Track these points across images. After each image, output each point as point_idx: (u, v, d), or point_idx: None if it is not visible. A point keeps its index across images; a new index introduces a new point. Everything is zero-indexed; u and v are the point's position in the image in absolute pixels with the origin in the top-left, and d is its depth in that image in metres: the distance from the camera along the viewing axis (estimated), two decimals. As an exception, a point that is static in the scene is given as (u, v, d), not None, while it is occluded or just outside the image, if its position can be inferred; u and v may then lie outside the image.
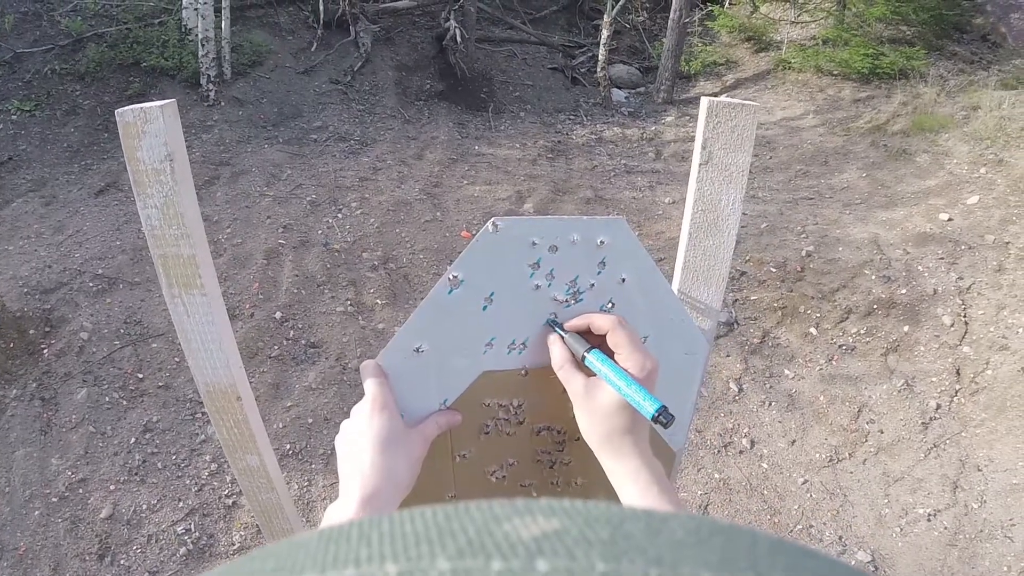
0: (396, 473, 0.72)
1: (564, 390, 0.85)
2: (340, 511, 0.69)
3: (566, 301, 0.80)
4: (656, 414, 0.67)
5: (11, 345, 3.76)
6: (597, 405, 0.74)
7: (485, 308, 0.78)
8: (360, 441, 0.73)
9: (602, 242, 0.78)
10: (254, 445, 0.96)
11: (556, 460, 0.91)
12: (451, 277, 0.76)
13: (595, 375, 0.75)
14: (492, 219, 0.75)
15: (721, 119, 0.81)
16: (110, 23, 6.82)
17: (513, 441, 0.88)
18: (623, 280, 0.80)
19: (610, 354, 0.74)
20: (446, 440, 0.85)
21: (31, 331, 3.86)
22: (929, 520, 2.97)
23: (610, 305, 0.82)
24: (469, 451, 0.88)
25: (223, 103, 6.46)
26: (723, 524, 0.22)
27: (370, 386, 0.77)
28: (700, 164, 0.81)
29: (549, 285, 0.79)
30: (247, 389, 0.95)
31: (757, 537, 0.21)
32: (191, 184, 0.84)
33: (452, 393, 0.83)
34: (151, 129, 0.77)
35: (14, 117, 5.91)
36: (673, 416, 0.68)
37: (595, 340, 0.77)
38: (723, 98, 0.78)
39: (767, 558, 0.20)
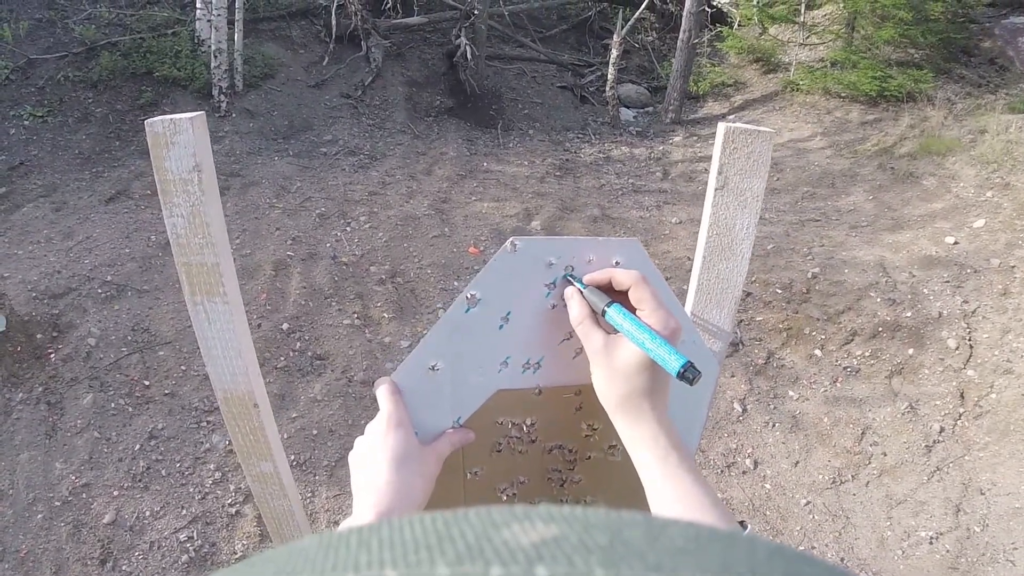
0: (411, 490, 0.72)
1: (576, 409, 0.86)
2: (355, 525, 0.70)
3: None
4: (682, 369, 0.64)
5: (18, 349, 3.78)
6: (617, 363, 0.71)
7: (501, 327, 0.79)
8: (375, 458, 0.73)
9: (617, 263, 0.79)
10: (269, 452, 0.98)
11: (567, 479, 0.91)
12: (469, 296, 0.77)
13: (615, 333, 0.72)
14: (511, 239, 0.76)
15: (737, 145, 0.83)
16: (123, 32, 6.90)
17: (525, 459, 0.88)
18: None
19: (632, 311, 0.72)
20: (458, 458, 0.86)
21: (39, 335, 3.88)
22: (931, 543, 2.97)
23: None
24: (481, 469, 0.88)
25: (234, 114, 6.52)
26: (722, 531, 0.22)
27: (385, 404, 0.78)
28: (716, 189, 0.83)
29: (565, 305, 0.80)
30: (264, 397, 0.97)
31: (756, 543, 0.21)
32: (217, 195, 0.86)
33: (466, 411, 0.83)
34: (180, 140, 0.79)
35: (26, 123, 5.97)
36: (700, 372, 0.65)
37: (616, 297, 0.74)
38: (739, 124, 0.80)
39: (766, 564, 0.20)
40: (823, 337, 3.97)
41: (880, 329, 3.95)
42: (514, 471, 0.90)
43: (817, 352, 3.91)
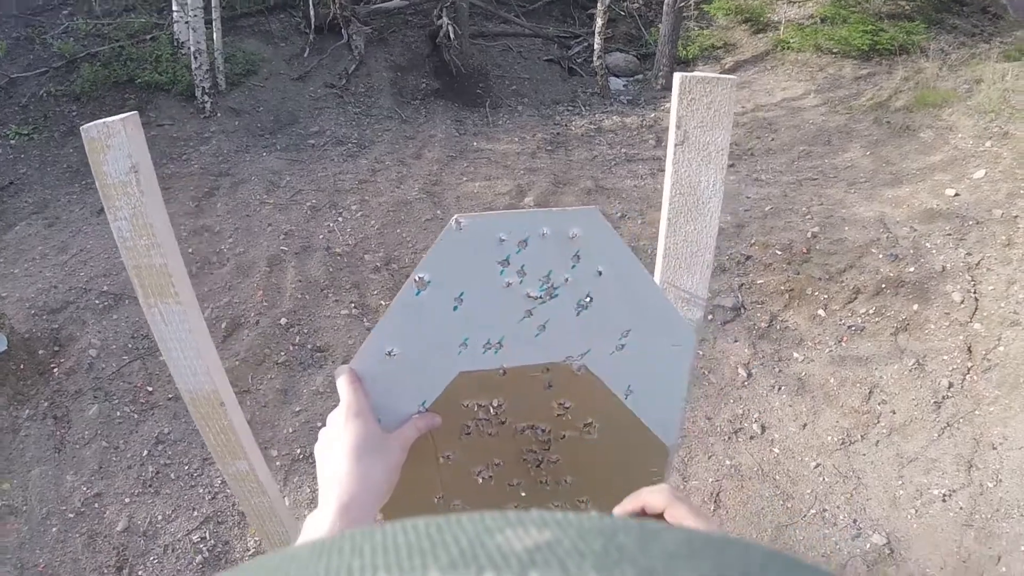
0: (372, 480, 0.71)
1: (546, 387, 0.83)
2: (318, 520, 0.68)
3: (540, 298, 0.78)
4: None
5: (21, 367, 3.78)
6: None
7: (456, 308, 0.77)
8: (335, 448, 0.72)
9: (575, 234, 0.75)
10: (241, 450, 0.97)
11: (543, 459, 0.89)
12: (417, 278, 0.75)
13: None
14: (455, 216, 0.73)
15: (696, 95, 0.78)
16: (102, 42, 6.84)
17: (496, 441, 0.86)
18: (600, 273, 0.78)
19: None
20: (429, 443, 0.84)
21: (40, 351, 3.87)
22: (944, 500, 2.93)
23: (588, 300, 0.79)
24: (453, 453, 0.87)
25: (219, 114, 6.46)
26: (716, 536, 0.22)
27: (344, 392, 0.76)
28: (676, 145, 0.78)
29: (521, 282, 0.77)
30: (230, 395, 0.95)
31: (750, 548, 0.21)
32: (158, 195, 0.85)
33: (430, 395, 0.81)
34: (115, 143, 0.79)
35: (12, 142, 5.93)
36: None
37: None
38: (696, 73, 0.75)
39: (759, 569, 0.20)
40: (826, 297, 3.93)
41: (883, 286, 3.90)
42: (488, 454, 0.88)
43: (820, 312, 3.87)
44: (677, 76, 0.76)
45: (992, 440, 3.15)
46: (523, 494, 0.91)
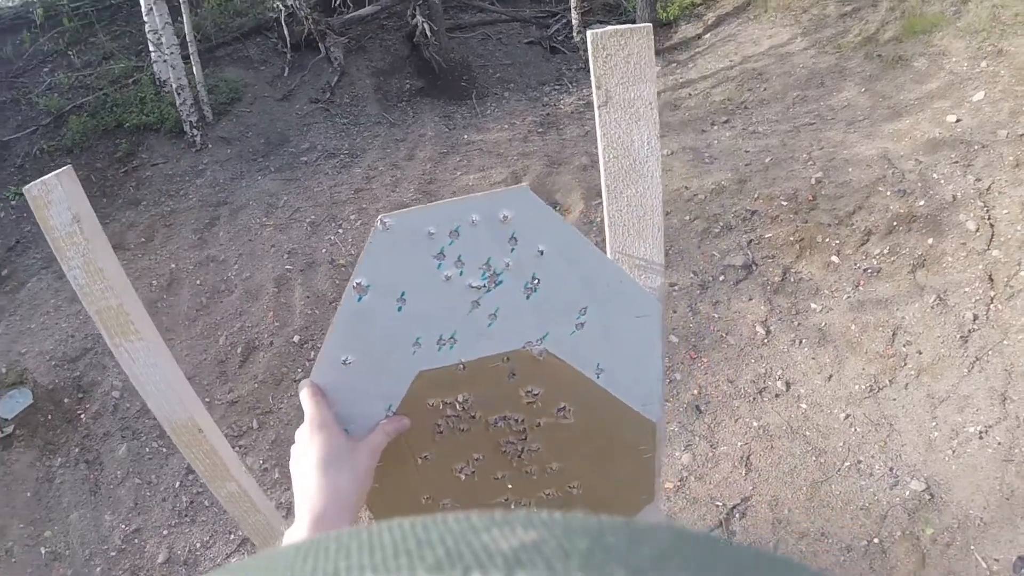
0: (340, 491, 0.71)
1: (510, 376, 0.82)
2: (294, 534, 0.70)
3: (484, 287, 0.76)
4: None
5: (49, 417, 3.84)
6: None
7: (400, 309, 0.76)
8: (303, 463, 0.73)
9: (506, 216, 0.73)
10: (228, 473, 0.98)
11: (523, 448, 0.87)
12: (356, 284, 0.74)
13: None
14: (380, 217, 0.72)
15: (611, 51, 0.74)
16: (86, 92, 6.89)
17: (471, 436, 0.85)
18: (541, 252, 0.76)
19: None
20: (403, 445, 0.83)
21: (66, 400, 3.93)
22: (981, 438, 2.86)
23: (535, 282, 0.77)
24: (430, 453, 0.86)
25: (210, 145, 6.49)
26: (703, 535, 0.22)
27: (307, 406, 0.77)
28: (599, 106, 0.75)
29: (461, 273, 0.75)
30: (208, 421, 0.97)
31: (738, 548, 0.21)
32: (104, 240, 0.87)
33: (394, 399, 0.80)
34: (54, 198, 0.81)
35: (13, 202, 6.01)
36: None
37: None
38: (607, 28, 0.71)
39: (748, 568, 0.20)
40: (837, 242, 3.85)
41: (895, 223, 3.81)
42: (466, 450, 0.86)
43: (834, 259, 3.80)
44: (589, 33, 0.73)
45: (1024, 369, 3.06)
46: (510, 486, 0.89)
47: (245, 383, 3.87)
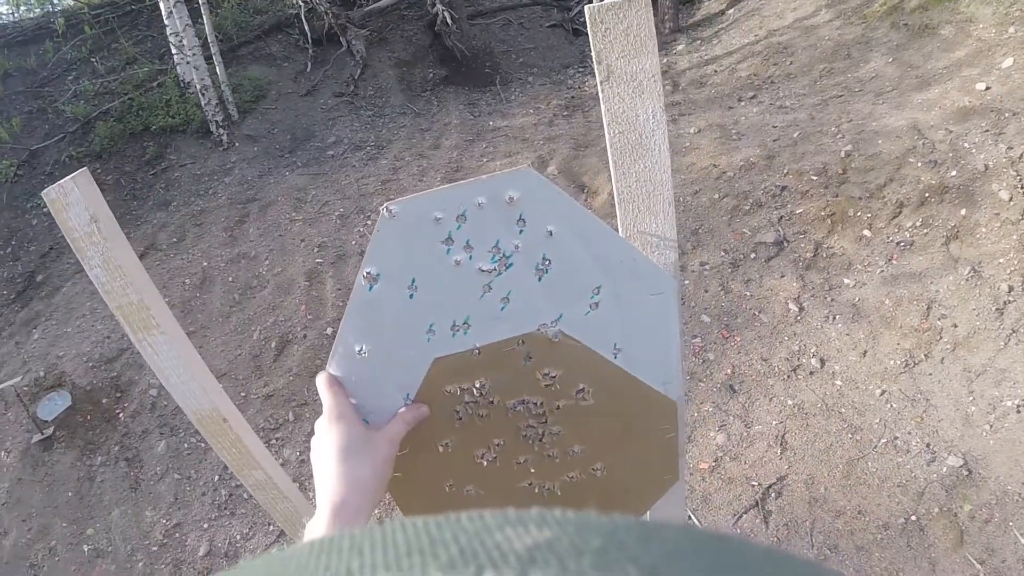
0: (360, 480, 0.72)
1: (526, 359, 0.81)
2: (315, 524, 0.70)
3: (495, 270, 0.76)
4: None
5: (88, 418, 3.93)
6: None
7: (412, 296, 0.76)
8: (322, 453, 0.74)
9: (512, 197, 0.73)
10: (254, 461, 1.00)
11: (543, 432, 0.86)
12: (366, 274, 0.74)
13: None
14: (385, 205, 0.72)
15: (610, 24, 0.72)
16: (112, 98, 7.02)
17: (491, 422, 0.85)
18: (550, 233, 0.75)
19: None
20: (425, 434, 0.83)
21: (104, 400, 4.02)
22: (1019, 412, 2.78)
23: (547, 263, 0.76)
24: (450, 440, 0.85)
25: (237, 143, 6.56)
26: (715, 533, 0.22)
27: (324, 397, 0.77)
28: (602, 82, 0.73)
29: (470, 257, 0.75)
30: (232, 411, 0.98)
31: (749, 546, 0.22)
32: (122, 238, 0.88)
33: (411, 387, 0.80)
34: (72, 200, 0.83)
35: (45, 210, 6.15)
36: None
37: None
38: (605, 1, 0.70)
39: (758, 566, 0.20)
40: (869, 216, 3.77)
41: (927, 195, 3.72)
42: (486, 435, 0.86)
43: (866, 233, 3.72)
44: (586, 9, 0.72)
45: (1064, 340, 2.98)
46: (533, 470, 0.89)
47: (280, 376, 3.92)
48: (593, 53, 0.73)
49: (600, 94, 0.75)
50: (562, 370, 0.82)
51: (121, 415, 3.94)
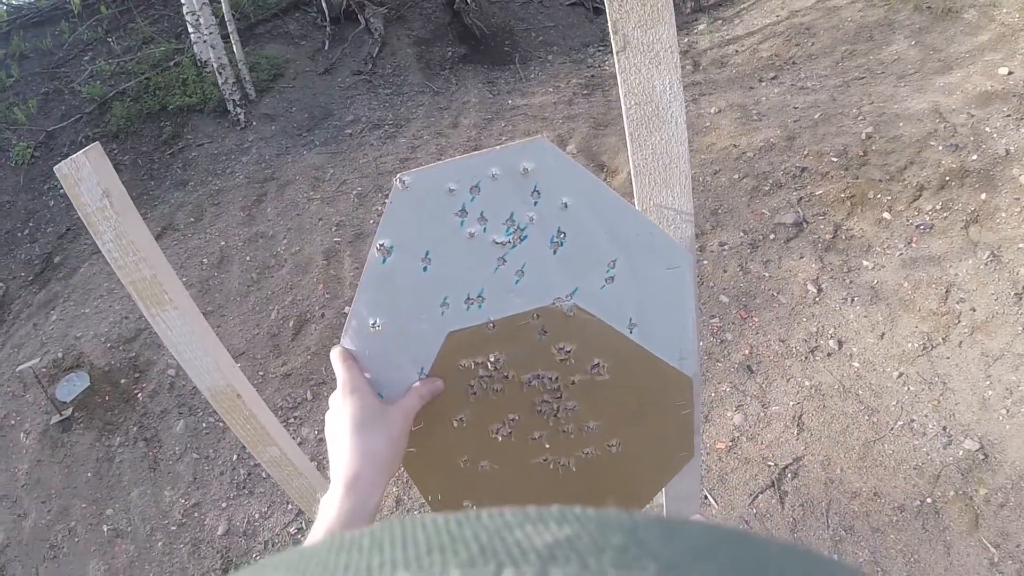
0: (375, 453, 0.71)
1: (541, 334, 0.81)
2: (329, 498, 0.70)
3: (509, 242, 0.75)
4: None
5: (106, 398, 3.96)
6: None
7: (426, 269, 0.75)
8: (337, 427, 0.74)
9: (527, 168, 0.72)
10: (269, 437, 1.00)
11: (558, 407, 0.86)
12: (379, 246, 0.74)
13: None
14: (398, 175, 0.71)
15: None
16: (128, 78, 7.01)
17: (505, 397, 0.84)
18: (565, 205, 0.74)
19: None
20: (439, 408, 0.83)
21: (122, 380, 4.05)
22: (1036, 397, 2.76)
23: (561, 236, 0.75)
24: (465, 415, 0.85)
25: (255, 122, 6.57)
26: (736, 530, 0.22)
27: (338, 371, 0.77)
28: (618, 52, 0.72)
29: (484, 229, 0.74)
30: (246, 386, 0.98)
31: (769, 543, 0.22)
32: (135, 212, 0.88)
33: (425, 361, 0.80)
34: (84, 175, 0.83)
35: (62, 191, 6.15)
36: None
37: None
38: None
39: (779, 563, 0.20)
40: (889, 198, 3.73)
41: (947, 178, 3.67)
42: (501, 411, 0.85)
43: (886, 215, 3.68)
44: None
45: (1083, 327, 2.94)
46: (547, 445, 0.88)
47: (298, 355, 3.95)
48: (610, 23, 0.72)
49: (616, 65, 0.74)
50: (577, 344, 0.81)
51: (139, 395, 3.97)
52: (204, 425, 3.74)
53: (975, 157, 3.68)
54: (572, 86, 6.40)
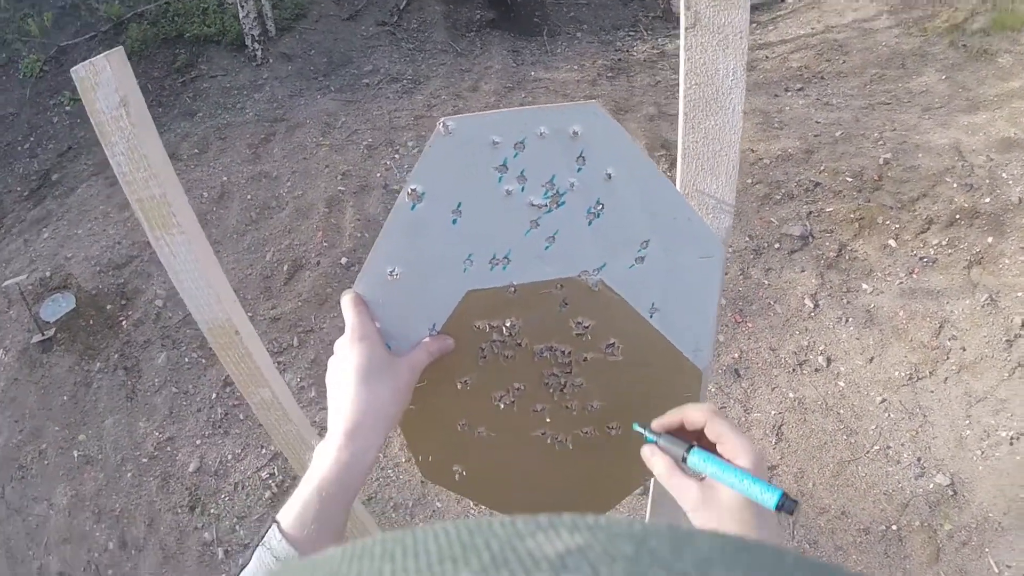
0: (379, 404, 0.69)
1: (562, 305, 0.79)
2: (326, 447, 0.68)
3: (545, 206, 0.72)
4: (779, 503, 0.60)
5: (91, 322, 3.93)
6: (719, 508, 0.66)
7: (455, 221, 0.72)
8: (341, 374, 0.71)
9: (576, 132, 0.69)
10: (262, 378, 0.97)
11: (566, 382, 0.84)
12: (410, 191, 0.70)
13: (704, 477, 0.68)
14: (442, 119, 0.68)
15: None
16: (148, 1, 6.87)
17: (514, 364, 0.82)
18: (609, 176, 0.71)
19: (710, 447, 0.68)
20: (445, 367, 0.80)
21: (108, 306, 4.02)
22: (1012, 444, 2.79)
23: (599, 207, 0.73)
24: (470, 377, 0.83)
25: (271, 60, 6.46)
26: (749, 541, 0.22)
27: (349, 317, 0.74)
28: (687, 28, 0.69)
29: (522, 189, 0.71)
30: (245, 323, 0.95)
31: (782, 554, 0.21)
32: (152, 126, 0.83)
33: (439, 317, 0.77)
34: (102, 80, 0.79)
35: (68, 108, 6.08)
36: (796, 501, 0.61)
37: (690, 436, 0.70)
38: None
39: (789, 573, 0.20)
40: (897, 226, 3.72)
41: (957, 216, 3.66)
42: (507, 378, 0.83)
43: (891, 242, 3.68)
44: None
45: (1065, 384, 2.97)
46: (548, 420, 0.87)
47: (289, 300, 3.92)
48: (683, -2, 0.69)
49: (681, 42, 0.71)
50: (596, 321, 0.79)
51: (124, 323, 3.94)
52: (186, 360, 3.72)
53: (988, 200, 3.68)
54: (597, 67, 6.32)
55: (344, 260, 4.09)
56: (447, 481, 0.91)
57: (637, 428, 0.73)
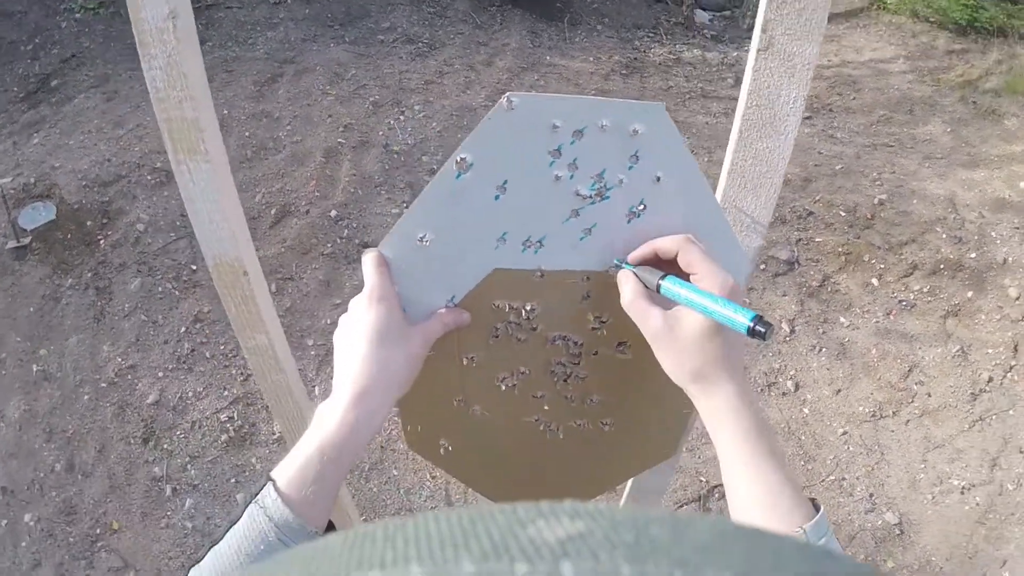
0: (391, 369, 0.68)
1: (583, 298, 0.78)
2: (331, 407, 0.66)
3: (590, 198, 0.72)
4: (752, 324, 0.59)
5: (68, 236, 3.83)
6: (683, 337, 0.65)
7: (498, 197, 0.71)
8: (355, 333, 0.69)
9: (636, 131, 0.68)
10: (262, 323, 0.94)
11: (571, 373, 0.84)
12: (459, 159, 0.69)
13: (672, 307, 0.67)
14: (507, 94, 0.66)
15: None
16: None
17: (525, 348, 0.82)
18: (658, 179, 0.71)
19: (684, 278, 0.67)
20: (453, 341, 0.80)
21: (88, 223, 3.92)
22: (962, 493, 2.87)
23: (641, 207, 0.72)
24: (477, 355, 0.82)
25: (289, 0, 6.34)
26: (749, 528, 0.22)
27: (369, 276, 0.72)
28: (759, 51, 0.70)
29: (571, 177, 0.70)
30: (255, 265, 0.92)
31: (783, 541, 0.22)
32: (196, 46, 0.80)
33: (460, 290, 0.76)
34: None
35: (78, 15, 5.90)
36: (771, 324, 0.60)
37: (665, 268, 0.69)
38: None
39: (791, 562, 0.20)
40: (882, 267, 3.78)
41: (942, 266, 3.74)
42: (514, 360, 0.83)
43: (874, 281, 3.74)
44: None
45: (1021, 443, 3.05)
46: (546, 407, 0.87)
47: (272, 245, 3.87)
48: (760, 19, 0.69)
49: (750, 62, 0.71)
50: (614, 318, 0.79)
51: (102, 242, 3.85)
52: (160, 289, 3.65)
53: (974, 255, 3.75)
54: (612, 62, 6.29)
55: (334, 213, 4.04)
56: (431, 454, 0.91)
57: (616, 262, 0.73)
